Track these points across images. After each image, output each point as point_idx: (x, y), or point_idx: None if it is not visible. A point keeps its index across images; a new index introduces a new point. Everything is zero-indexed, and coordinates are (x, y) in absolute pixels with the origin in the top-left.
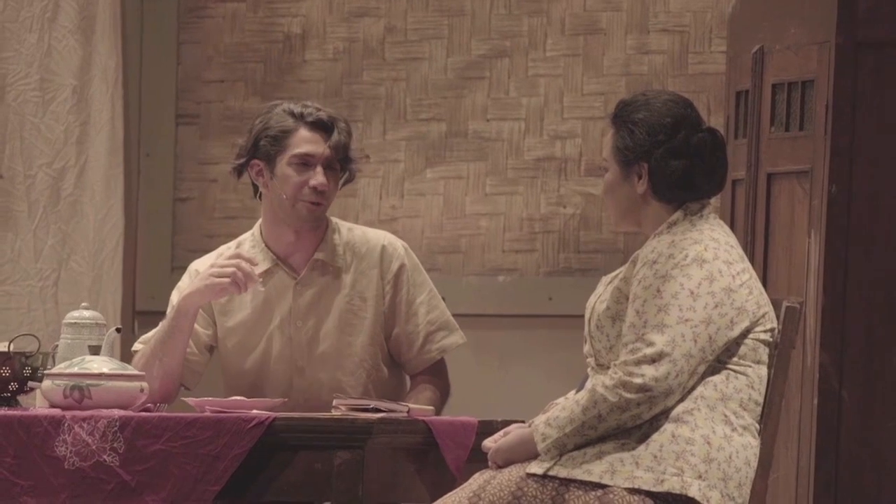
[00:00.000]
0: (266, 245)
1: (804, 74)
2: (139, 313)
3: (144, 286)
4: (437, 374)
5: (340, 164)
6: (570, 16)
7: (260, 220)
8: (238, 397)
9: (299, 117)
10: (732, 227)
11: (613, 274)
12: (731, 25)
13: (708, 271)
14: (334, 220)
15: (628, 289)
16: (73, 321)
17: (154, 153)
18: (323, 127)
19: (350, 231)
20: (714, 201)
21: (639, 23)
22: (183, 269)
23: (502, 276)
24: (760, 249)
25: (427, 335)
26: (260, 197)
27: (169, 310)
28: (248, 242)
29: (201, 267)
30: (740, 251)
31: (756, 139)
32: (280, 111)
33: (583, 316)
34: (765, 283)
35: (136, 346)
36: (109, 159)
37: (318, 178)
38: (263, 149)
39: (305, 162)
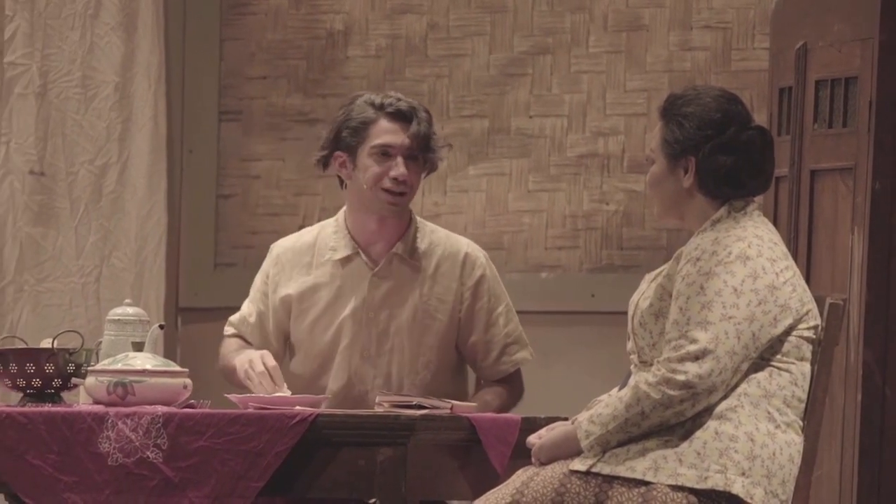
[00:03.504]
0: (348, 232)
1: (847, 71)
2: (182, 310)
3: (187, 283)
4: (510, 381)
5: (422, 154)
6: (613, 12)
7: (344, 208)
8: (281, 394)
9: (379, 108)
10: (776, 223)
11: (657, 271)
12: (774, 22)
13: (752, 268)
14: (418, 218)
15: (672, 285)
16: (116, 318)
17: (197, 150)
18: (403, 117)
19: (433, 232)
20: (758, 198)
21: (682, 19)
22: (226, 265)
23: (545, 272)
24: (804, 246)
25: (504, 347)
26: (345, 187)
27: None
28: (331, 228)
29: (281, 248)
30: (784, 248)
31: (799, 136)
32: (361, 102)
33: (625, 312)
34: (808, 279)
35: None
36: (152, 156)
37: (398, 168)
38: (345, 140)
39: (385, 152)
